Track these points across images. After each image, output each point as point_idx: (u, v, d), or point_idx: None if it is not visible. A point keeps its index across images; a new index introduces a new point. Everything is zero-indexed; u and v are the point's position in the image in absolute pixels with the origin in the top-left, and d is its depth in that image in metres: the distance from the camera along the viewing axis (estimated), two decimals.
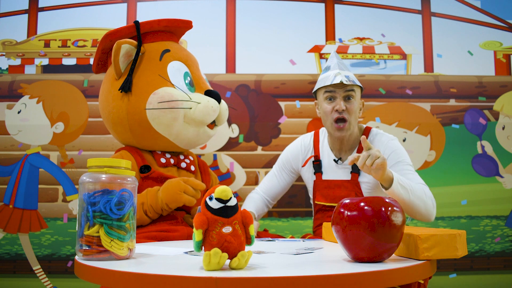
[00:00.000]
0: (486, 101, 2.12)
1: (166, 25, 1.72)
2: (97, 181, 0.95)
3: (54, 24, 2.13)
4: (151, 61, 1.63)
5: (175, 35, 1.80)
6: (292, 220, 2.05)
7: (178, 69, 1.64)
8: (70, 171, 2.03)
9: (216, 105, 1.63)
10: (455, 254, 0.91)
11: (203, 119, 1.61)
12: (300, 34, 2.16)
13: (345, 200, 0.93)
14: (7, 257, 1.98)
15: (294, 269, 0.83)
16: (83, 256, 0.93)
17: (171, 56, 1.66)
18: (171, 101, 1.56)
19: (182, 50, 1.74)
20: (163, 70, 1.62)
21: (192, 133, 1.64)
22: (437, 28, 2.18)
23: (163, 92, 1.57)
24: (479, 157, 2.09)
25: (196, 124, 1.62)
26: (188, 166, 1.70)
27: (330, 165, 1.63)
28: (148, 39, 1.68)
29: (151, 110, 1.57)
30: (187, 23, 1.77)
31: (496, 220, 2.06)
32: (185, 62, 1.68)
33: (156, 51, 1.65)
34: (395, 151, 1.54)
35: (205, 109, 1.60)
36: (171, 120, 1.58)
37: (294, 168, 1.73)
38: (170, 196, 1.47)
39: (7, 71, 2.09)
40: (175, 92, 1.58)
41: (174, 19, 1.72)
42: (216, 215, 0.82)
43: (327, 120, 1.57)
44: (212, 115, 1.62)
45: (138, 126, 1.61)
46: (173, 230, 1.48)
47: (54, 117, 2.05)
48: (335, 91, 1.54)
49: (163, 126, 1.60)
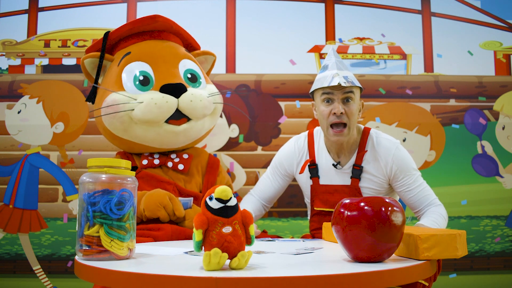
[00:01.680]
0: (486, 101, 2.12)
1: (131, 28, 1.71)
2: (97, 181, 0.95)
3: (54, 24, 2.13)
4: (112, 68, 1.68)
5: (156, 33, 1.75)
6: (292, 220, 2.05)
7: (130, 70, 1.63)
8: (70, 171, 2.03)
9: (164, 100, 1.55)
10: (455, 254, 0.91)
11: (149, 118, 1.56)
12: (300, 34, 2.16)
13: (345, 200, 0.93)
14: (7, 257, 1.98)
15: (294, 269, 0.83)
16: (83, 256, 0.93)
17: (130, 58, 1.66)
18: (113, 105, 1.58)
19: (151, 47, 1.70)
20: (119, 76, 1.64)
21: (152, 133, 1.61)
22: (437, 28, 2.18)
23: (109, 99, 1.60)
24: (479, 157, 2.09)
25: (148, 124, 1.59)
26: (175, 165, 1.67)
27: (328, 169, 1.56)
28: (120, 46, 1.73)
29: (103, 117, 1.62)
30: (151, 18, 1.71)
31: (496, 220, 2.06)
32: (146, 60, 1.65)
33: (120, 57, 1.68)
34: (403, 162, 1.50)
35: (146, 107, 1.55)
36: (120, 124, 1.60)
37: (288, 172, 1.66)
38: (149, 205, 1.49)
39: (7, 71, 2.09)
40: (117, 97, 1.59)
41: (136, 20, 1.72)
42: (216, 215, 0.82)
43: (324, 123, 1.50)
44: (158, 112, 1.56)
45: (105, 133, 1.71)
46: (158, 228, 1.49)
47: (54, 117, 2.05)
48: (333, 93, 1.46)
49: (120, 131, 1.63)
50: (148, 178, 1.63)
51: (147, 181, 1.62)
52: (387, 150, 1.51)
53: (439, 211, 1.47)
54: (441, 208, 1.48)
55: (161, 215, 1.49)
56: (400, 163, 1.50)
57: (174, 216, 1.51)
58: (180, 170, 1.68)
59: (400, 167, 1.49)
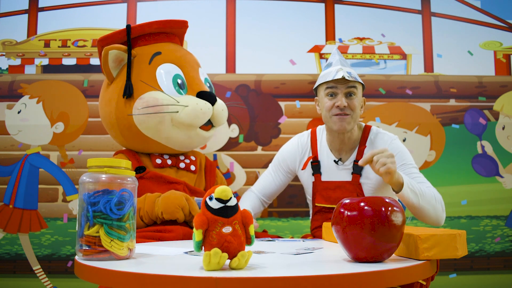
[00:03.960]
0: (486, 101, 2.12)
1: (159, 27, 1.70)
2: (97, 181, 0.95)
3: (54, 24, 2.13)
4: (141, 65, 1.64)
5: (174, 36, 1.78)
6: (292, 220, 2.05)
7: (168, 72, 1.63)
8: (70, 171, 2.03)
9: (207, 107, 1.60)
10: (455, 254, 0.91)
11: (192, 122, 1.60)
12: (300, 34, 2.16)
13: (345, 200, 0.93)
14: (7, 257, 1.98)
15: (294, 269, 0.83)
16: (83, 256, 0.93)
17: (162, 58, 1.65)
18: (156, 105, 1.56)
19: (177, 51, 1.72)
20: (152, 74, 1.62)
21: (183, 136, 1.63)
22: (437, 28, 2.18)
23: (148, 96, 1.58)
24: (479, 157, 2.09)
25: (186, 127, 1.61)
26: (188, 166, 1.70)
27: (330, 166, 1.59)
28: (141, 43, 1.69)
29: (137, 115, 1.58)
30: (181, 23, 1.75)
31: (496, 220, 2.06)
32: (177, 64, 1.66)
33: (147, 54, 1.65)
34: (399, 152, 1.51)
35: (192, 112, 1.58)
36: (157, 124, 1.59)
37: (291, 168, 1.70)
38: (168, 207, 1.48)
39: (7, 71, 2.09)
40: (160, 96, 1.58)
41: (166, 20, 1.71)
42: (216, 215, 0.82)
43: (327, 115, 1.53)
44: (202, 118, 1.60)
45: (127, 131, 1.64)
46: (169, 230, 1.49)
47: (54, 117, 2.05)
48: (337, 86, 1.50)
49: (151, 131, 1.61)
50: (157, 178, 1.62)
51: (156, 181, 1.61)
52: (384, 143, 1.54)
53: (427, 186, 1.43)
54: (432, 189, 1.43)
55: (179, 216, 1.49)
56: (397, 154, 1.49)
57: (190, 216, 1.52)
58: (192, 171, 1.71)
59: (395, 156, 1.47)
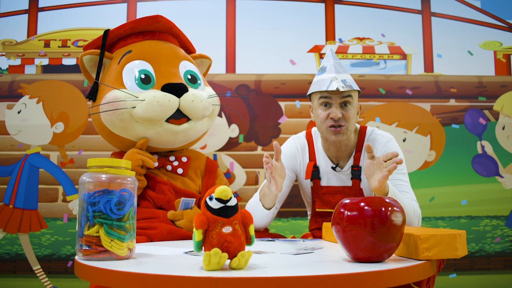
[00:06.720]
0: (486, 101, 2.12)
1: (133, 27, 1.71)
2: (97, 181, 0.95)
3: (54, 24, 2.13)
4: (112, 66, 1.68)
5: (157, 34, 1.76)
6: (292, 220, 2.05)
7: (132, 68, 1.63)
8: (70, 171, 2.03)
9: (166, 99, 1.55)
10: (455, 254, 0.91)
11: (150, 116, 1.56)
12: (300, 34, 2.16)
13: (345, 200, 0.93)
14: (7, 257, 1.98)
15: (294, 269, 0.83)
16: (83, 256, 0.93)
17: (131, 56, 1.66)
18: (114, 102, 1.57)
19: (151, 47, 1.70)
20: (119, 73, 1.63)
21: (152, 132, 1.61)
22: (437, 28, 2.18)
23: (109, 96, 1.60)
24: (479, 157, 2.09)
25: (149, 122, 1.59)
26: (174, 169, 1.67)
27: (328, 171, 1.55)
28: (121, 44, 1.73)
29: (101, 114, 1.62)
30: (152, 19, 1.71)
31: (496, 220, 2.06)
32: (147, 59, 1.65)
33: (120, 55, 1.68)
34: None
35: (148, 105, 1.55)
36: (120, 122, 1.60)
37: (295, 171, 1.62)
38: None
39: (7, 71, 2.09)
40: (118, 94, 1.58)
41: (137, 19, 1.72)
42: (216, 215, 0.82)
43: (322, 126, 1.49)
44: (159, 110, 1.56)
45: (102, 132, 1.70)
46: (152, 227, 1.49)
47: (54, 117, 2.05)
48: (331, 97, 1.44)
49: (118, 129, 1.62)
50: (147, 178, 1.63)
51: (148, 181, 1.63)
52: (379, 144, 1.50)
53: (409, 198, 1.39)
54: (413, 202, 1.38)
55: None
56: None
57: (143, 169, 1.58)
58: (180, 174, 1.68)
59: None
